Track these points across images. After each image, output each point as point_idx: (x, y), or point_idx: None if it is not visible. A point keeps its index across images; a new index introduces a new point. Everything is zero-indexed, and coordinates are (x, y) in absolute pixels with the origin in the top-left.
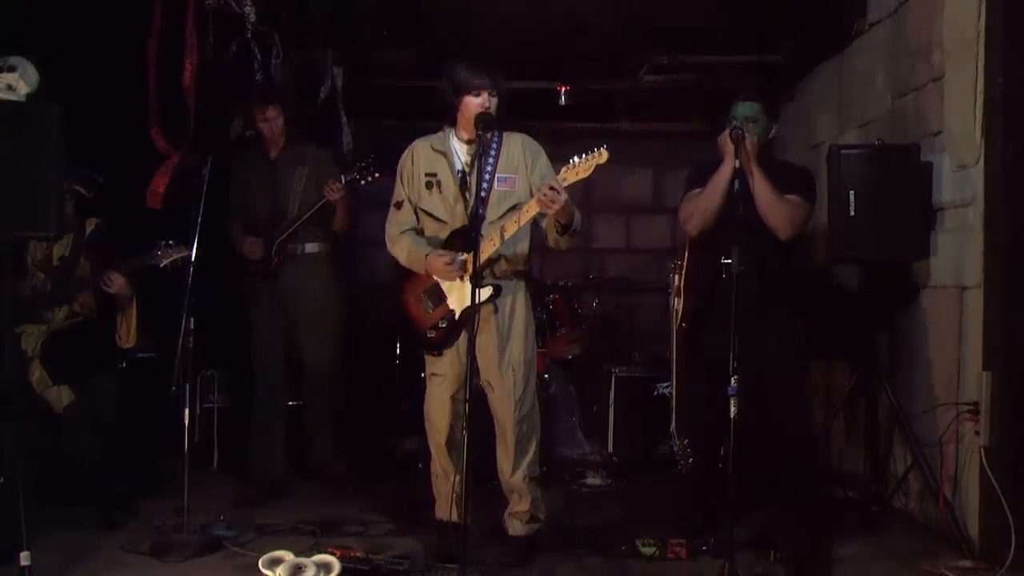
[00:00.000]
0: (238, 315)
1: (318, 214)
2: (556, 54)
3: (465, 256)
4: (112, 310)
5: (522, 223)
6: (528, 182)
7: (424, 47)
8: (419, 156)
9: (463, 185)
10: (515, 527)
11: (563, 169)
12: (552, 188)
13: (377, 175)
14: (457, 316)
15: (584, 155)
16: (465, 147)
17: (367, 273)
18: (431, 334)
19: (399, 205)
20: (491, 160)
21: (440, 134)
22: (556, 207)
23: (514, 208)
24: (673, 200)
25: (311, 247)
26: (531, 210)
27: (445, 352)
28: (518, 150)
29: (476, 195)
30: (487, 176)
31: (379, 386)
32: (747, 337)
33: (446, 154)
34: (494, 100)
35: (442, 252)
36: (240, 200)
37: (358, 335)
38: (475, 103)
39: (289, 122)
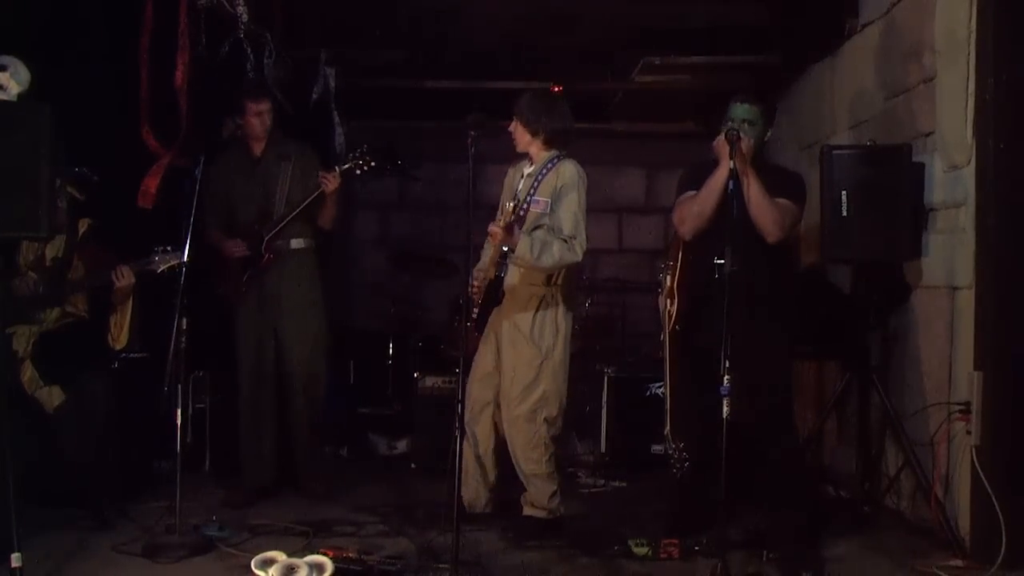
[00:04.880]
0: (228, 316)
1: (308, 208)
2: (548, 53)
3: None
4: (104, 311)
5: (496, 248)
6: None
7: (416, 47)
8: (509, 175)
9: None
10: (525, 508)
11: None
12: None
13: (373, 164)
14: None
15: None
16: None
17: (360, 273)
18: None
19: None
20: (537, 182)
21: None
22: (495, 240)
23: (540, 227)
24: (665, 200)
25: (297, 243)
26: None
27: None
28: (554, 178)
29: (470, 210)
30: (529, 196)
31: (372, 387)
32: (738, 336)
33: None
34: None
35: (479, 272)
36: (218, 203)
37: (351, 336)
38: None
39: (275, 121)
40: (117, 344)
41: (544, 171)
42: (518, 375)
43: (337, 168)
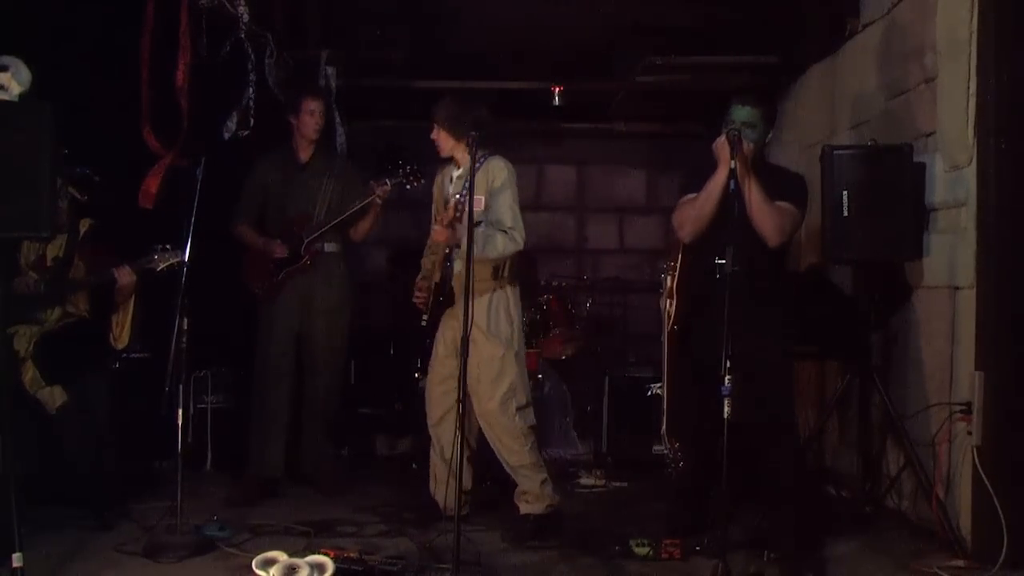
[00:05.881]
0: (234, 315)
1: (349, 217)
2: (550, 54)
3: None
4: (105, 311)
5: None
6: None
7: (417, 48)
8: (437, 182)
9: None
10: (521, 507)
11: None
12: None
13: (423, 180)
14: (424, 321)
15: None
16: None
17: (360, 273)
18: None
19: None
20: (467, 183)
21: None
22: (440, 239)
23: (479, 223)
24: (666, 200)
25: (331, 247)
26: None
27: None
28: (484, 176)
29: (470, 210)
30: (462, 196)
31: (373, 386)
32: (738, 336)
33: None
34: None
35: (422, 281)
36: (253, 200)
37: (351, 336)
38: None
39: (324, 127)
40: (118, 344)
41: (473, 171)
42: (483, 371)
43: (388, 181)
